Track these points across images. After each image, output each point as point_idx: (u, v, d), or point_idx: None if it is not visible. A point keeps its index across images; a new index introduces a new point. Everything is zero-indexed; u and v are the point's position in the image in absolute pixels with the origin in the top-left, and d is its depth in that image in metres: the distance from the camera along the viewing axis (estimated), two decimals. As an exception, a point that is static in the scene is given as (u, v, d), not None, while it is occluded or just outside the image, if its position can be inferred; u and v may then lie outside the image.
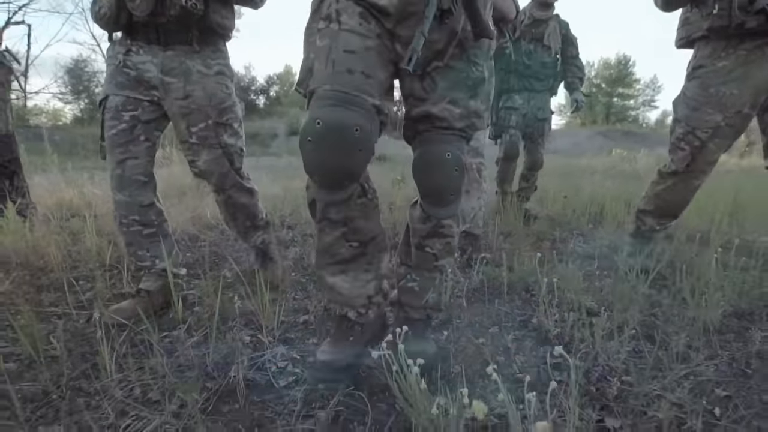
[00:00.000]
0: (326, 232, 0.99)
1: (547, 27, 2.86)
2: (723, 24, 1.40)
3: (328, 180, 0.90)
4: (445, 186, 1.00)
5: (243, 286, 1.46)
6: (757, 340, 1.11)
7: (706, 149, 1.53)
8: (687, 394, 0.94)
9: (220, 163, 1.48)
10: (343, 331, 1.06)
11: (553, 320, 1.23)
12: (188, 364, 1.11)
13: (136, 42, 1.38)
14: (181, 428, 0.87)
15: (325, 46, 0.89)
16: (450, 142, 1.00)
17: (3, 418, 0.89)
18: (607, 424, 0.86)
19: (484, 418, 0.64)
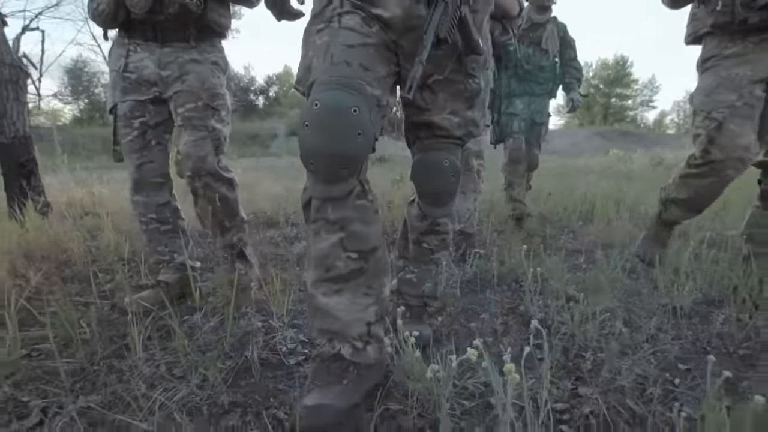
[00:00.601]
0: (321, 236, 0.88)
1: (544, 30, 2.87)
2: (726, 20, 1.41)
3: (327, 168, 0.83)
4: (442, 189, 1.09)
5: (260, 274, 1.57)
6: (718, 323, 1.23)
7: (726, 130, 1.42)
8: (652, 368, 1.06)
9: (200, 146, 1.45)
10: (335, 373, 0.86)
11: (538, 306, 1.36)
12: (207, 345, 1.23)
13: (133, 40, 1.41)
14: (205, 397, 0.99)
15: (324, 43, 0.91)
16: (448, 149, 1.08)
17: (52, 388, 1.01)
18: (580, 392, 0.98)
19: (476, 359, 0.75)
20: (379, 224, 0.95)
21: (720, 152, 1.43)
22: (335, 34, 0.90)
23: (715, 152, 1.44)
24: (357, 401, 0.84)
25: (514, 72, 2.89)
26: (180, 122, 1.44)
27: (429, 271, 1.24)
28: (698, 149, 1.50)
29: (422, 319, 1.27)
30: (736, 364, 1.08)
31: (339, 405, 0.80)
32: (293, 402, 0.97)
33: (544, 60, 2.88)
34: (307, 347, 1.24)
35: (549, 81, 2.97)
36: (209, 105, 1.46)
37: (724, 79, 1.45)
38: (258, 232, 2.64)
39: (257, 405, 0.98)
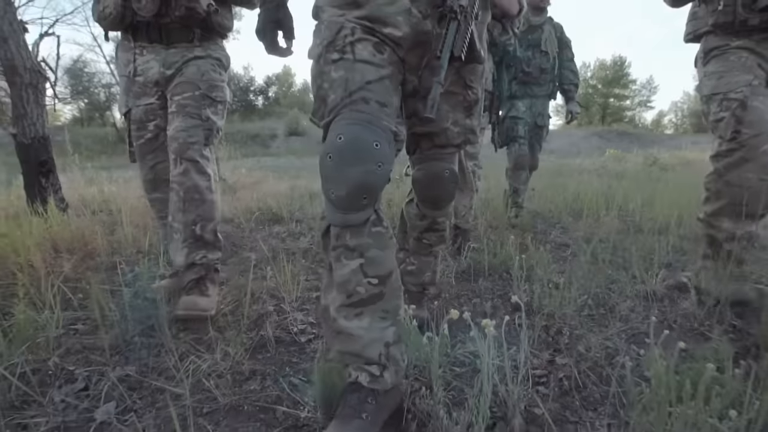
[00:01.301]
0: (342, 261, 0.89)
1: (542, 32, 2.88)
2: (728, 20, 1.41)
3: (348, 198, 0.86)
4: (442, 196, 1.21)
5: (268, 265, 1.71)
6: (684, 305, 1.37)
7: (751, 107, 1.36)
8: (622, 342, 1.20)
9: (189, 132, 1.40)
10: (353, 407, 0.84)
11: (524, 291, 1.50)
12: (226, 325, 1.37)
13: (138, 43, 1.43)
14: (228, 367, 1.13)
15: (341, 78, 0.91)
16: (448, 160, 1.17)
17: (96, 357, 1.15)
18: (557, 361, 1.12)
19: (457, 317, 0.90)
20: (393, 248, 0.97)
21: (751, 128, 1.34)
22: (351, 69, 0.91)
23: (746, 130, 1.35)
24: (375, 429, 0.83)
25: (515, 75, 2.86)
26: (174, 109, 1.41)
27: (428, 262, 1.37)
28: (727, 132, 1.39)
29: (421, 303, 1.40)
30: (696, 339, 1.23)
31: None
32: (307, 370, 1.11)
33: (544, 62, 2.89)
34: (316, 328, 1.38)
35: (549, 82, 2.98)
36: (207, 95, 1.45)
37: (734, 62, 1.43)
38: (265, 228, 2.77)
39: (274, 373, 1.12)
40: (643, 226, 2.56)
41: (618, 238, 2.20)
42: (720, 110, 1.42)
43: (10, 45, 2.42)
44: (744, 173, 1.36)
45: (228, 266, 1.94)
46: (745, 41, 1.42)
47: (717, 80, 1.45)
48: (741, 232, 1.40)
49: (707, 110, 1.49)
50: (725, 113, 1.40)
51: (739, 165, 1.37)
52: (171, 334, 1.29)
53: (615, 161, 10.10)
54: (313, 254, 2.20)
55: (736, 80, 1.41)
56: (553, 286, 1.47)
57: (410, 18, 0.94)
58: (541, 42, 2.85)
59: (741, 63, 1.42)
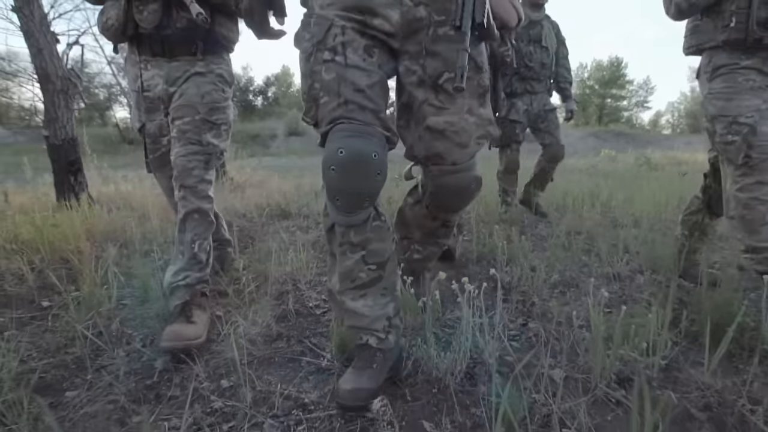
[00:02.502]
0: (347, 255, 1.01)
1: (542, 28, 2.91)
2: (740, 37, 1.38)
3: (350, 202, 0.95)
4: (463, 205, 1.17)
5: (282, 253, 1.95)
6: (639, 282, 1.62)
7: (761, 133, 1.38)
8: (584, 312, 1.44)
9: (188, 159, 1.40)
10: (365, 360, 1.02)
11: (506, 272, 1.75)
12: (252, 300, 1.61)
13: (143, 57, 1.42)
14: (259, 330, 1.37)
15: (333, 80, 0.94)
16: (471, 169, 1.09)
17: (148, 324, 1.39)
18: (529, 326, 1.36)
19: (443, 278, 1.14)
20: (390, 237, 1.08)
21: (761, 153, 1.38)
22: (343, 74, 0.94)
23: (756, 155, 1.39)
24: (382, 378, 1.00)
25: (516, 70, 2.89)
26: (174, 134, 1.41)
27: (435, 252, 1.40)
28: (738, 157, 1.41)
29: (420, 282, 1.46)
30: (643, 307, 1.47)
31: (371, 386, 0.96)
32: (324, 334, 1.35)
33: (545, 57, 2.92)
34: (328, 303, 1.62)
35: (548, 78, 3.01)
36: (207, 119, 1.41)
37: (743, 84, 1.42)
38: (275, 222, 3.01)
39: (297, 335, 1.36)
40: (620, 220, 2.81)
41: (595, 230, 2.45)
42: (728, 133, 1.42)
43: (44, 55, 2.65)
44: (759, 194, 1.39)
45: (245, 255, 2.17)
46: (754, 60, 1.40)
47: (726, 102, 1.44)
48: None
49: (712, 129, 1.48)
50: (736, 138, 1.41)
51: (753, 188, 1.40)
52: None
53: (608, 161, 10.37)
54: (320, 245, 2.44)
55: (746, 104, 1.40)
56: (530, 268, 1.71)
57: (401, 7, 0.94)
58: (542, 37, 2.89)
59: (749, 86, 1.41)
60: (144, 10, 1.33)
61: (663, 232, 2.32)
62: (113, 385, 1.08)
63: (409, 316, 1.32)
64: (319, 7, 0.99)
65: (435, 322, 1.27)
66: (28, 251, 1.85)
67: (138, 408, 0.99)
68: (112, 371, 1.15)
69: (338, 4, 0.96)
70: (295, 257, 1.88)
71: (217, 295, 1.61)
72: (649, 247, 1.96)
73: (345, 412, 0.96)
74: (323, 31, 0.96)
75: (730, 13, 1.39)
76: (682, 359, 1.11)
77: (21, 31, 2.59)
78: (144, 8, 1.33)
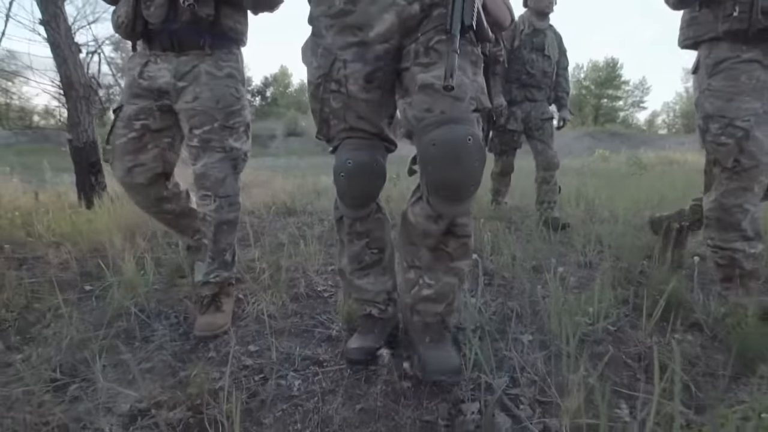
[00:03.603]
0: (354, 242, 1.23)
1: (546, 37, 2.94)
2: (742, 27, 1.34)
3: (356, 202, 1.15)
4: (464, 179, 0.91)
5: (292, 245, 2.18)
6: (605, 267, 1.86)
7: (753, 138, 1.37)
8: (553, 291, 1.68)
9: (219, 167, 1.46)
10: (368, 326, 1.26)
11: (490, 260, 1.98)
12: (267, 285, 1.83)
13: (153, 51, 1.44)
14: (276, 308, 1.59)
15: (341, 109, 1.10)
16: (468, 121, 0.92)
17: (182, 303, 1.62)
18: (508, 304, 1.59)
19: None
20: (389, 228, 1.27)
21: (751, 159, 1.38)
22: (347, 103, 1.08)
23: (746, 161, 1.38)
24: (381, 341, 1.22)
25: (517, 77, 2.95)
26: (197, 143, 1.44)
27: (451, 285, 1.10)
28: (728, 160, 1.41)
29: (443, 338, 1.13)
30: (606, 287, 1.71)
31: (372, 345, 1.19)
32: (332, 312, 1.58)
33: (547, 66, 2.96)
34: (334, 288, 1.85)
35: (548, 87, 3.05)
36: (225, 125, 1.45)
37: (745, 84, 1.38)
38: (281, 218, 3.24)
39: (310, 313, 1.59)
40: (600, 216, 3.05)
41: (576, 225, 2.69)
42: (722, 135, 1.40)
43: (68, 64, 2.87)
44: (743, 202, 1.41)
45: (258, 248, 2.40)
46: (756, 52, 1.37)
47: (725, 102, 1.40)
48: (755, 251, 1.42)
49: (705, 128, 1.46)
50: (729, 140, 1.39)
51: (737, 194, 1.41)
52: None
53: (601, 161, 10.63)
54: (325, 239, 2.66)
55: (745, 107, 1.37)
56: (512, 257, 1.95)
57: (395, 8, 0.99)
58: (545, 46, 2.92)
59: (752, 86, 1.37)
60: (151, 5, 1.37)
61: (635, 226, 2.56)
62: (161, 349, 1.31)
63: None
64: (324, 29, 1.07)
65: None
66: (67, 243, 2.07)
67: (184, 366, 1.22)
68: (155, 340, 1.38)
69: (338, 25, 1.05)
70: (304, 249, 2.11)
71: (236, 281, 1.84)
72: (620, 239, 2.20)
73: (352, 365, 1.19)
74: (329, 65, 1.07)
75: (732, 3, 1.34)
76: (629, 326, 1.34)
77: (48, 42, 2.81)
78: (151, 4, 1.37)
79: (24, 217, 2.49)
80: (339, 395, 1.06)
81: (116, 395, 1.04)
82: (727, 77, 1.41)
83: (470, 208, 1.01)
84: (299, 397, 1.07)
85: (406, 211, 1.11)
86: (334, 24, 1.05)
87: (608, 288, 1.35)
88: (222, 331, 1.43)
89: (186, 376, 1.15)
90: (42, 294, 1.65)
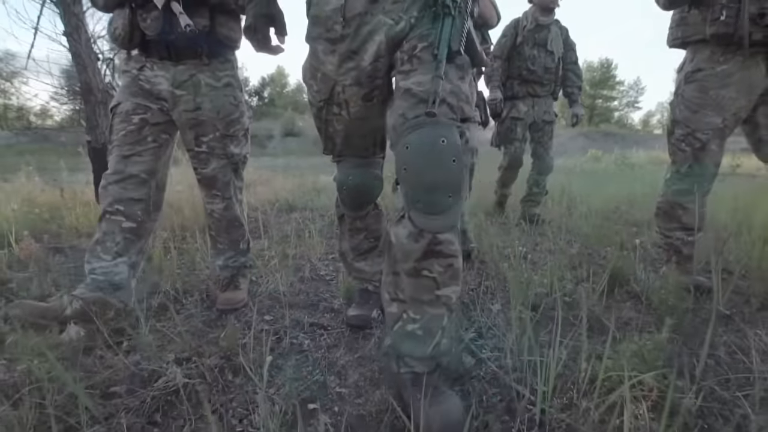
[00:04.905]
0: (354, 236, 1.46)
1: (549, 32, 2.93)
2: (728, 32, 1.38)
3: (355, 207, 1.38)
4: (439, 182, 0.83)
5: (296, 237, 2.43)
6: (571, 252, 2.12)
7: (708, 150, 1.55)
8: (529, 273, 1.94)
9: (224, 172, 1.60)
10: (365, 298, 1.51)
11: (477, 250, 2.25)
12: (276, 270, 2.09)
13: (150, 59, 1.48)
14: (285, 288, 1.85)
15: (342, 131, 1.21)
16: (443, 125, 0.86)
17: (203, 285, 1.88)
18: (485, 284, 1.86)
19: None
20: (385, 219, 1.47)
21: (701, 168, 1.57)
22: (348, 126, 1.19)
23: (697, 168, 1.58)
24: (375, 311, 1.46)
25: (518, 73, 2.97)
26: (206, 149, 1.56)
27: (439, 318, 0.91)
28: (683, 166, 1.60)
29: (439, 389, 0.90)
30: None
31: (368, 314, 1.44)
32: (334, 291, 1.84)
33: (549, 61, 2.95)
34: (335, 273, 2.11)
35: (552, 82, 3.03)
36: (225, 134, 1.56)
37: (711, 99, 1.49)
38: (284, 214, 3.50)
39: (315, 291, 1.84)
40: (580, 211, 3.32)
41: (555, 219, 2.96)
42: (683, 141, 1.58)
43: (88, 71, 3.11)
44: (688, 202, 1.61)
45: (265, 239, 2.65)
46: (730, 65, 1.46)
47: (691, 113, 1.55)
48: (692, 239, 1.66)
49: (671, 129, 1.64)
50: (687, 148, 1.57)
51: (682, 194, 1.62)
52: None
53: (593, 161, 10.94)
54: (325, 232, 2.92)
55: (707, 121, 1.51)
56: (490, 245, 2.21)
57: (384, 27, 1.01)
58: (548, 42, 2.91)
59: (717, 102, 1.49)
60: (147, 18, 1.40)
61: (606, 218, 2.83)
62: (191, 318, 1.56)
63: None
64: (323, 53, 1.10)
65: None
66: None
67: (212, 330, 1.48)
68: (184, 312, 1.63)
69: (338, 51, 1.07)
70: (307, 240, 2.37)
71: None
72: (589, 230, 2.47)
73: (351, 329, 1.45)
74: (329, 90, 1.13)
75: (720, 6, 1.38)
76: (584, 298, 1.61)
77: (69, 52, 3.05)
78: (147, 16, 1.40)
79: (52, 212, 2.74)
80: (341, 348, 1.32)
81: (163, 348, 1.30)
82: (698, 88, 1.52)
83: (454, 223, 0.87)
84: (309, 351, 1.32)
85: (388, 232, 0.97)
86: (334, 50, 1.07)
87: (565, 267, 1.62)
88: (241, 305, 1.66)
89: (215, 337, 1.41)
90: (81, 276, 1.90)
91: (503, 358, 1.16)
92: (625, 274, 1.68)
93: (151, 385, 1.09)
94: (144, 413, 1.00)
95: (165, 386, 1.07)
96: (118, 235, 1.47)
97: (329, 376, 1.16)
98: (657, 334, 1.07)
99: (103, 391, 1.07)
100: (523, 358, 1.07)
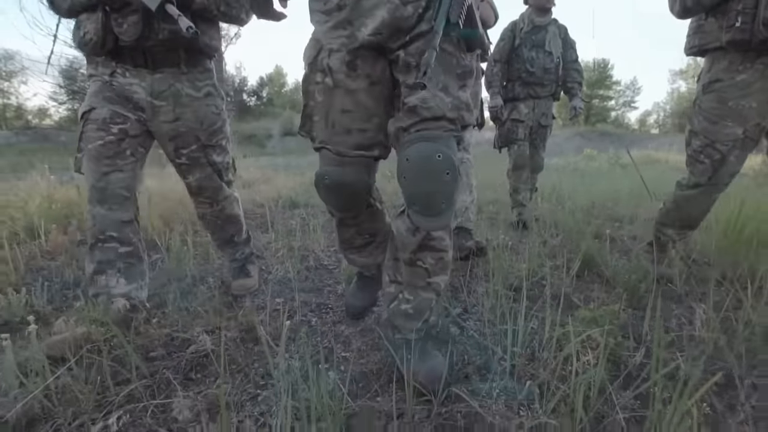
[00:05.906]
0: (343, 231, 1.33)
1: (547, 33, 2.90)
2: (744, 38, 1.36)
3: (339, 208, 1.22)
4: (434, 191, 0.92)
5: (301, 231, 2.63)
6: (555, 243, 2.32)
7: (727, 162, 1.51)
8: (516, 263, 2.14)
9: (211, 180, 1.60)
10: (364, 282, 1.52)
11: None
12: (283, 260, 2.28)
13: (121, 65, 1.37)
14: (292, 276, 2.04)
15: (323, 103, 1.06)
16: (440, 139, 0.94)
17: (217, 273, 2.07)
18: (475, 271, 2.05)
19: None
20: (384, 216, 1.32)
21: (718, 180, 1.56)
22: (330, 96, 1.05)
23: (715, 179, 1.56)
24: (373, 295, 1.52)
25: (518, 75, 2.95)
26: (186, 161, 1.54)
27: (428, 300, 1.10)
28: (703, 177, 1.57)
29: (425, 349, 1.11)
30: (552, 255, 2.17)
31: (366, 301, 1.52)
32: (337, 278, 2.03)
33: (548, 62, 2.91)
34: (337, 263, 2.30)
35: (553, 83, 2.98)
36: (207, 144, 1.54)
37: (731, 110, 1.45)
38: (288, 210, 3.69)
39: (320, 278, 2.04)
40: (567, 207, 3.52)
41: (543, 214, 3.16)
42: (701, 153, 1.55)
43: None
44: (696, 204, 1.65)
45: (273, 233, 2.84)
46: (749, 74, 1.43)
47: (710, 124, 1.52)
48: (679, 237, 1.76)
49: (689, 140, 1.61)
50: (707, 160, 1.54)
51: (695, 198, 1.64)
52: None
53: (587, 160, 11.14)
54: (327, 227, 3.11)
55: (726, 132, 1.48)
56: (483, 238, 2.41)
57: (387, 5, 0.96)
58: (545, 42, 2.88)
59: (737, 112, 1.45)
60: (124, 23, 1.30)
61: (591, 214, 3.03)
62: (210, 299, 1.75)
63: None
64: (317, 23, 1.07)
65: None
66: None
67: (230, 310, 1.67)
68: (203, 295, 1.82)
69: (333, 20, 1.02)
70: (311, 234, 2.56)
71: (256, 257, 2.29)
72: (574, 224, 2.67)
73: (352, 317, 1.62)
74: (315, 54, 1.06)
75: (736, 13, 1.36)
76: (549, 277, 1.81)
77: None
78: (123, 21, 1.29)
79: (71, 208, 2.92)
80: (345, 323, 1.52)
81: (189, 322, 1.49)
82: (716, 99, 1.49)
83: (446, 224, 0.98)
84: (317, 326, 1.52)
85: (392, 221, 1.13)
86: (328, 20, 1.04)
87: (546, 255, 1.81)
88: (253, 289, 1.85)
89: (233, 314, 1.60)
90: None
91: (483, 327, 1.36)
92: (596, 261, 1.88)
93: (184, 350, 1.29)
94: (181, 371, 1.19)
95: (196, 351, 1.27)
96: (118, 261, 1.40)
97: (336, 344, 1.36)
98: (613, 306, 1.26)
99: (144, 355, 1.27)
100: (500, 327, 1.26)
